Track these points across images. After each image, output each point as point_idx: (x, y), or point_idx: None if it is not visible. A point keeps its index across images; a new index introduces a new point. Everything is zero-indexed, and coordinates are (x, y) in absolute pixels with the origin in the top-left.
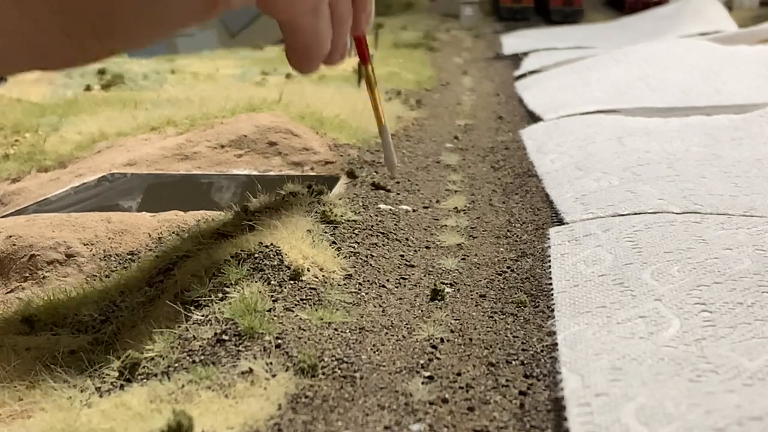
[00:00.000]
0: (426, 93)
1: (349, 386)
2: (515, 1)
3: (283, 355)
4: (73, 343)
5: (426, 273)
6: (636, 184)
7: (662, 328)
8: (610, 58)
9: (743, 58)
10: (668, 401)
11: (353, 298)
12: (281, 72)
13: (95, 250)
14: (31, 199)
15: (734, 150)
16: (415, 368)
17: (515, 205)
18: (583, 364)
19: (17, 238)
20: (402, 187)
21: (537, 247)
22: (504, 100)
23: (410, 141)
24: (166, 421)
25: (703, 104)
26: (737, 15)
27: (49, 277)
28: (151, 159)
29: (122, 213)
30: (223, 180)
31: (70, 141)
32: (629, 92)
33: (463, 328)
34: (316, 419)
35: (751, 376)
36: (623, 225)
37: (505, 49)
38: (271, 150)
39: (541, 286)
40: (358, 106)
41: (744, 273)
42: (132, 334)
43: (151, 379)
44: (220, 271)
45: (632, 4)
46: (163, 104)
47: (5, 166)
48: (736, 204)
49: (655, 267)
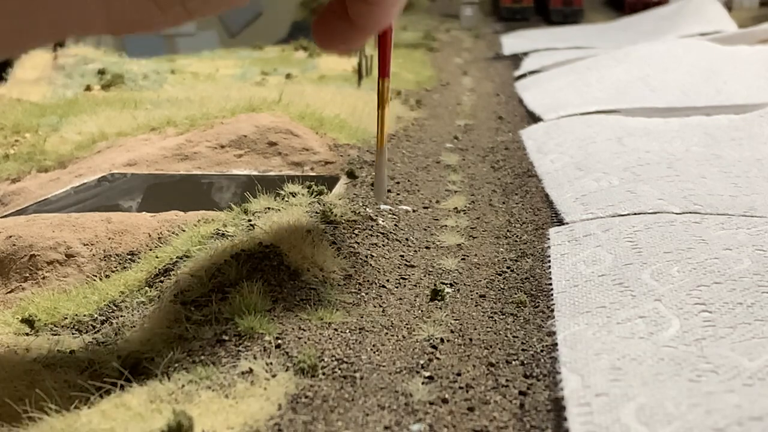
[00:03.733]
0: (426, 93)
1: (349, 386)
2: (515, 2)
3: (283, 355)
4: (73, 343)
5: (426, 273)
6: (636, 184)
7: (662, 328)
8: (610, 59)
9: (743, 58)
10: (668, 401)
11: (353, 298)
12: (281, 72)
13: (95, 250)
14: (31, 199)
15: (734, 150)
16: (415, 368)
17: (515, 205)
18: (583, 364)
19: (17, 238)
20: (402, 187)
21: (537, 247)
22: (504, 100)
23: (410, 141)
24: (166, 421)
25: (703, 104)
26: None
27: (49, 277)
28: (151, 159)
29: (122, 213)
30: (223, 180)
31: (70, 141)
32: (629, 92)
33: (463, 328)
34: (316, 419)
35: (751, 376)
36: (623, 225)
37: (505, 50)
38: (271, 150)
39: (541, 286)
40: (358, 106)
41: (744, 273)
42: (132, 334)
43: (151, 379)
44: (220, 271)
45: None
46: (163, 104)
47: (5, 166)
48: (736, 204)
49: (655, 267)
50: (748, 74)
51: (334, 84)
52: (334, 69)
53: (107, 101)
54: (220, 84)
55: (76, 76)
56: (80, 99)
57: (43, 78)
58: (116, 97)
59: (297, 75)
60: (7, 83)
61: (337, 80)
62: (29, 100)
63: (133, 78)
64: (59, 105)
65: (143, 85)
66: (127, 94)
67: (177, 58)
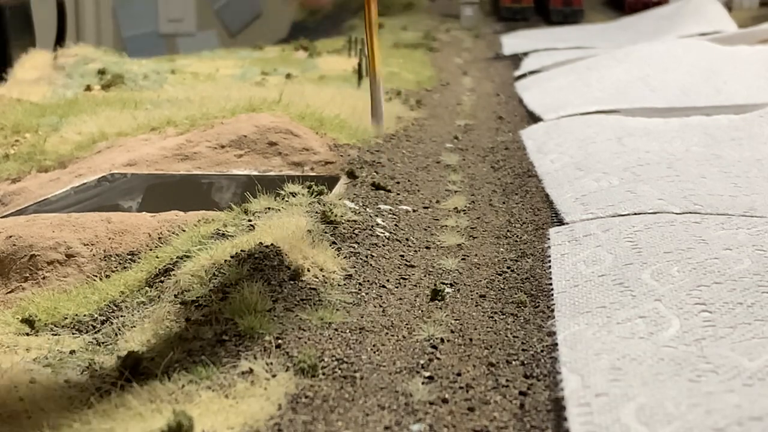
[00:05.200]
0: (426, 93)
1: (349, 386)
2: (515, 1)
3: (283, 355)
4: (73, 343)
5: (426, 273)
6: (636, 184)
7: (662, 328)
8: (610, 58)
9: (743, 58)
10: (668, 401)
11: (353, 298)
12: (281, 72)
13: (95, 250)
14: (31, 199)
15: (734, 150)
16: (415, 368)
17: (515, 205)
18: (583, 364)
19: (17, 238)
20: (402, 188)
21: (537, 247)
22: (504, 100)
23: (410, 141)
24: (166, 421)
25: (703, 104)
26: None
27: (49, 277)
28: (151, 159)
29: (122, 213)
30: (223, 180)
31: (70, 141)
32: (629, 92)
33: (463, 328)
34: (316, 419)
35: (751, 376)
36: (623, 225)
37: (505, 50)
38: (271, 150)
39: (541, 286)
40: (358, 106)
41: (744, 273)
42: (132, 334)
43: (151, 379)
44: (220, 271)
45: (632, 4)
46: (163, 104)
47: (5, 166)
48: (736, 204)
49: (655, 267)
50: (748, 74)
51: (334, 84)
52: (334, 69)
53: (107, 101)
54: (220, 84)
55: (76, 76)
56: (80, 99)
57: (43, 78)
58: (116, 97)
59: (297, 75)
60: (7, 83)
61: (337, 80)
62: (29, 100)
63: (133, 78)
64: (59, 105)
65: (143, 85)
66: (127, 94)
67: (177, 58)
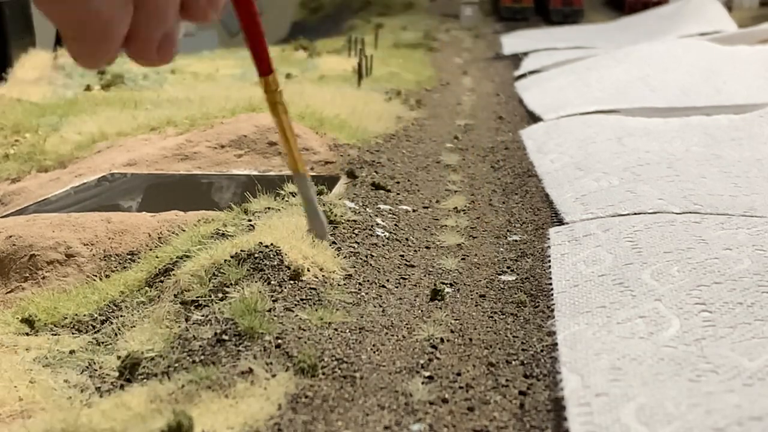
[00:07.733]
0: (426, 93)
1: (349, 386)
2: (515, 1)
3: (283, 355)
4: (73, 343)
5: (426, 273)
6: (636, 184)
7: (662, 328)
8: (610, 59)
9: (743, 58)
10: (668, 401)
11: (353, 298)
12: (281, 72)
13: (95, 250)
14: (31, 199)
15: (734, 150)
16: (415, 368)
17: (515, 205)
18: (583, 364)
19: (17, 238)
20: (402, 187)
21: (537, 247)
22: (504, 100)
23: (410, 141)
24: (166, 421)
25: (703, 104)
26: (737, 15)
27: (49, 277)
28: (151, 159)
29: (122, 213)
30: (223, 180)
31: (70, 141)
32: (629, 92)
33: (463, 328)
34: (316, 419)
35: (751, 376)
36: (623, 225)
37: (505, 49)
38: (271, 150)
39: (541, 286)
40: (358, 106)
41: (744, 273)
42: (132, 334)
43: (151, 379)
44: (220, 271)
45: (632, 4)
46: (163, 104)
47: (5, 166)
48: (736, 204)
49: (655, 267)
50: (748, 74)
51: (334, 84)
52: (334, 69)
53: (107, 101)
54: (220, 84)
55: (76, 76)
56: (80, 99)
57: (43, 78)
58: (116, 97)
59: (297, 75)
60: (7, 83)
61: (337, 80)
62: (29, 100)
63: (133, 78)
64: (59, 105)
65: (143, 85)
66: (127, 94)
67: (177, 58)
